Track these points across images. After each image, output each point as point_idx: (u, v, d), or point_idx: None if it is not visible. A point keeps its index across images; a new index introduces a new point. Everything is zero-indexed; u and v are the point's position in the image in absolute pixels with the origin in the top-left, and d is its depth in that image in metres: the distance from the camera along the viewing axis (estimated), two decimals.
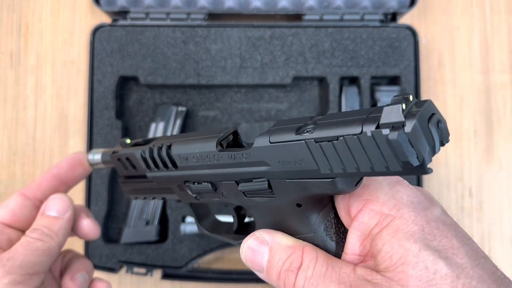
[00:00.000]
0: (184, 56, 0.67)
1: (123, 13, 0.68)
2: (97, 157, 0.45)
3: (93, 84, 0.67)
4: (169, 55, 0.67)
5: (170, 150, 0.35)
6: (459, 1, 0.71)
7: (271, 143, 0.27)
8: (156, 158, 0.37)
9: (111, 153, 0.42)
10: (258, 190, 0.30)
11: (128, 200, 0.67)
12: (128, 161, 0.40)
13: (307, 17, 0.68)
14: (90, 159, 0.45)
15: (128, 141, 0.42)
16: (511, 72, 0.70)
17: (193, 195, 0.37)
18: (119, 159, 0.41)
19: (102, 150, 0.45)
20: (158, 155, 0.36)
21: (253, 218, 0.34)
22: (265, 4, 0.68)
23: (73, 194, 0.67)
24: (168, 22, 0.68)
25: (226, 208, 0.37)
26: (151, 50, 0.67)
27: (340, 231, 0.30)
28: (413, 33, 0.67)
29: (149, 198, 0.43)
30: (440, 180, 0.68)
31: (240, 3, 0.68)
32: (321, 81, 0.69)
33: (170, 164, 0.36)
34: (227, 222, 0.41)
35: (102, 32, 0.67)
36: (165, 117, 0.67)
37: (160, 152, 0.36)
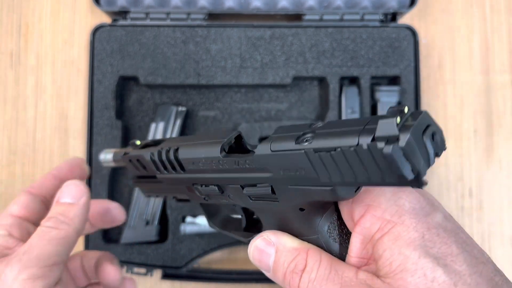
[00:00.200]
0: (184, 56, 0.67)
1: (123, 13, 0.68)
2: (109, 156, 0.46)
3: (93, 84, 0.67)
4: (169, 55, 0.67)
5: (177, 154, 0.36)
6: (459, 1, 0.71)
7: (272, 151, 0.28)
8: (165, 161, 0.37)
9: (122, 154, 0.43)
10: (262, 194, 0.31)
11: (128, 200, 0.67)
12: (139, 162, 0.41)
13: (307, 17, 0.68)
14: (102, 158, 0.47)
15: (138, 142, 0.43)
16: (511, 72, 0.70)
17: (202, 196, 0.37)
18: (130, 160, 0.42)
19: (114, 150, 0.46)
20: (167, 158, 0.37)
21: (260, 219, 0.34)
22: (265, 4, 0.68)
23: None
24: (168, 22, 0.68)
25: (235, 208, 0.38)
26: (151, 50, 0.67)
27: (343, 233, 0.30)
28: (413, 33, 0.67)
29: (162, 197, 0.44)
30: (440, 180, 0.68)
31: (240, 3, 0.68)
32: (321, 81, 0.69)
33: (178, 167, 0.36)
34: (236, 218, 0.41)
35: (102, 32, 0.67)
36: (165, 117, 0.67)
37: (168, 155, 0.36)
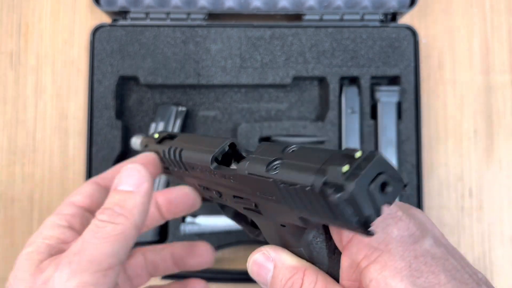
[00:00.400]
0: (184, 56, 0.67)
1: (123, 13, 0.68)
2: (137, 143, 0.48)
3: (93, 84, 0.67)
4: (169, 55, 0.67)
5: (181, 155, 0.36)
6: (459, 1, 0.71)
7: (248, 173, 0.28)
8: (173, 160, 0.38)
9: (143, 146, 0.45)
10: (248, 207, 0.31)
11: None
12: (157, 154, 0.42)
13: (307, 17, 0.68)
14: (133, 142, 0.49)
15: (156, 135, 0.43)
16: (511, 72, 0.70)
17: (207, 196, 0.38)
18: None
19: (142, 138, 0.47)
20: (174, 157, 0.37)
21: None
22: (265, 4, 0.68)
23: None
24: (168, 22, 0.68)
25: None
26: (151, 50, 0.67)
27: (331, 248, 0.29)
28: (413, 33, 0.67)
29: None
30: (440, 180, 0.68)
31: (240, 3, 0.68)
32: (321, 81, 0.69)
33: (183, 167, 0.37)
34: None
35: (102, 32, 0.67)
36: (165, 117, 0.67)
37: (175, 155, 0.37)
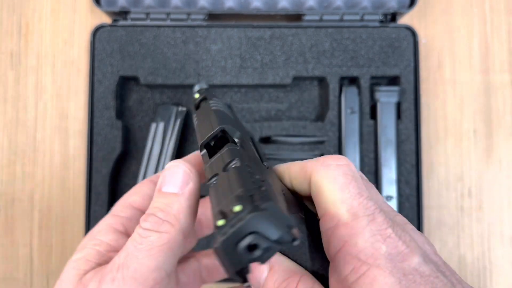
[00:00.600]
0: (184, 56, 0.67)
1: (123, 14, 0.68)
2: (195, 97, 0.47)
3: (93, 84, 0.67)
4: (169, 55, 0.67)
5: None
6: (459, 2, 0.71)
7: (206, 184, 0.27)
8: None
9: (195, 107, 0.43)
10: None
11: None
12: None
13: (307, 17, 0.68)
14: (196, 89, 0.47)
15: (197, 96, 0.42)
16: (511, 72, 0.70)
17: None
18: None
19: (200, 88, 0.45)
20: None
21: None
22: (265, 4, 0.68)
23: (73, 195, 0.67)
24: (168, 23, 0.68)
25: None
26: (151, 50, 0.67)
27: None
28: (413, 33, 0.67)
29: None
30: (439, 180, 0.68)
31: (240, 4, 0.68)
32: (321, 81, 0.69)
33: None
34: None
35: (102, 32, 0.67)
36: (165, 117, 0.67)
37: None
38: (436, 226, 0.67)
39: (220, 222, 0.20)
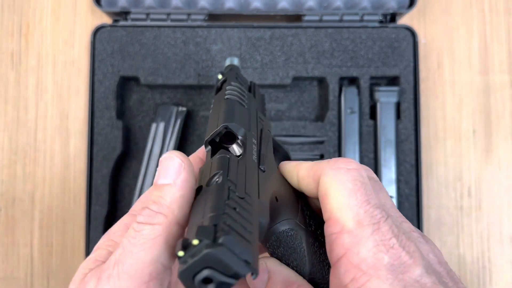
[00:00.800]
0: (184, 56, 0.67)
1: (123, 14, 0.68)
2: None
3: (94, 84, 0.67)
4: (169, 56, 0.67)
5: None
6: (459, 2, 0.72)
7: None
8: None
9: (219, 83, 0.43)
10: None
11: (129, 200, 0.67)
12: None
13: (306, 18, 0.68)
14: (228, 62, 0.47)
15: (220, 76, 0.42)
16: (510, 72, 0.70)
17: None
18: None
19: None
20: None
21: None
22: (265, 4, 0.68)
23: (73, 195, 0.67)
24: (169, 23, 0.68)
25: None
26: (151, 51, 0.67)
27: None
28: (413, 33, 0.68)
29: None
30: (439, 180, 0.68)
31: (240, 4, 0.68)
32: (321, 81, 0.70)
33: None
34: None
35: (103, 32, 0.67)
36: (166, 117, 0.67)
37: None
38: (436, 226, 0.68)
39: (180, 253, 0.21)
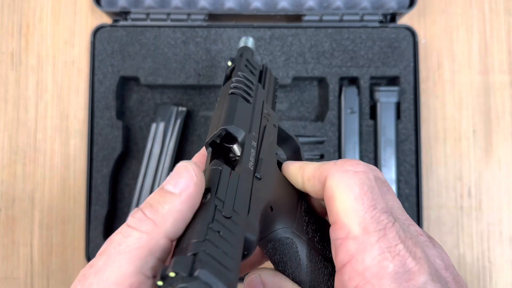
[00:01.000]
0: (184, 56, 0.67)
1: (123, 14, 0.68)
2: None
3: (94, 84, 0.67)
4: (169, 56, 0.67)
5: None
6: (459, 2, 0.72)
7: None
8: None
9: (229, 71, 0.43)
10: None
11: (129, 200, 0.67)
12: None
13: (306, 18, 0.68)
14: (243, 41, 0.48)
15: (229, 63, 0.42)
16: (510, 72, 0.70)
17: None
18: None
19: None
20: None
21: None
22: (265, 4, 0.68)
23: (73, 195, 0.67)
24: (169, 23, 0.68)
25: None
26: (151, 51, 0.67)
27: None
28: (413, 33, 0.68)
29: None
30: (439, 179, 0.68)
31: (240, 4, 0.68)
32: (321, 81, 0.70)
33: None
34: None
35: (103, 32, 0.67)
36: (166, 117, 0.67)
37: None
38: (436, 226, 0.68)
39: (159, 283, 0.21)
